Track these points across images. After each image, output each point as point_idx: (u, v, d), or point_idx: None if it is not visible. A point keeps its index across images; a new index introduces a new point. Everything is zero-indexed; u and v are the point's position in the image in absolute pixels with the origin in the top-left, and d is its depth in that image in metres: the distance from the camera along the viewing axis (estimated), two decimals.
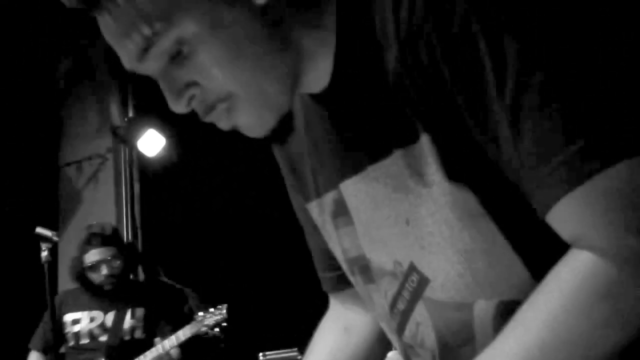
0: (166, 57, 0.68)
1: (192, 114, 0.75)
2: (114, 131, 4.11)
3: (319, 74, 0.74)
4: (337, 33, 0.72)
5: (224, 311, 2.90)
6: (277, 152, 0.94)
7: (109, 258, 2.90)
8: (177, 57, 0.68)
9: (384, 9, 0.67)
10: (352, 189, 0.79)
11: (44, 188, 4.22)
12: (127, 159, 4.27)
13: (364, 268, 0.83)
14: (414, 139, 0.69)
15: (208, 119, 0.72)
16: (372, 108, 0.72)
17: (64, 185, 4.35)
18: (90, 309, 2.98)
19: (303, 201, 0.91)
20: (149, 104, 3.94)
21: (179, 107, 0.71)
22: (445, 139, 0.67)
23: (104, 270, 2.89)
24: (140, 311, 3.00)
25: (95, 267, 2.90)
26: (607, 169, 0.56)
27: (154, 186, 4.30)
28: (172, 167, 4.14)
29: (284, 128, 0.85)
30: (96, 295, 2.97)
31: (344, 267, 0.88)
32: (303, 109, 0.83)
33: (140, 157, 4.16)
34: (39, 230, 2.56)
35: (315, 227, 0.91)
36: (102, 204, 4.20)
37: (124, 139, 4.08)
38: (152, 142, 3.95)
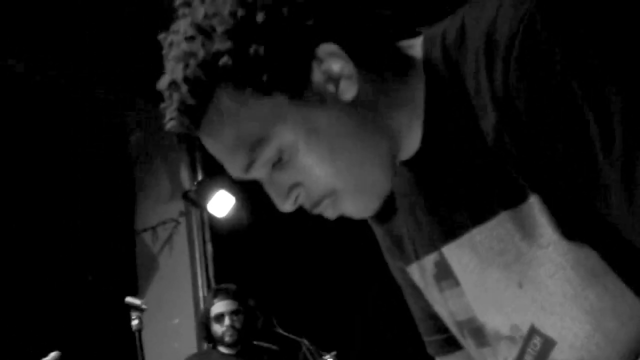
0: (269, 165, 0.71)
1: None
2: (185, 195, 4.21)
3: (412, 142, 0.75)
4: (426, 101, 0.72)
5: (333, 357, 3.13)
6: (371, 220, 0.94)
7: (232, 311, 3.15)
8: (279, 162, 0.70)
9: (477, 71, 0.66)
10: (456, 252, 0.78)
11: (123, 255, 4.35)
12: (198, 221, 4.36)
13: (476, 331, 0.81)
14: (522, 199, 0.67)
15: (315, 211, 0.75)
16: (469, 169, 0.71)
17: (140, 251, 4.47)
18: None
19: (402, 264, 0.90)
20: (217, 165, 4.03)
21: (286, 207, 0.74)
22: (555, 198, 0.65)
23: (227, 321, 3.13)
24: None
25: (219, 318, 3.15)
26: None
27: (227, 246, 4.35)
28: (243, 226, 4.19)
29: (386, 205, 0.87)
30: (219, 357, 3.15)
31: (453, 329, 0.86)
32: (396, 176, 0.84)
33: (212, 218, 4.24)
34: (129, 299, 2.64)
35: (416, 289, 0.90)
36: (177, 267, 4.28)
37: (195, 201, 4.18)
38: (222, 203, 4.03)
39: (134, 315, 2.64)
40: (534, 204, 0.67)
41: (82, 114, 3.90)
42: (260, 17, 0.66)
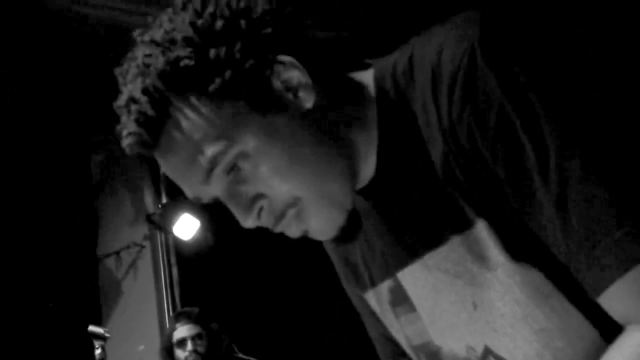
0: (226, 173, 0.70)
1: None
2: (149, 218, 4.17)
3: (367, 170, 0.76)
4: (379, 129, 0.74)
5: None
6: (328, 246, 0.94)
7: (194, 335, 3.10)
8: (239, 173, 0.70)
9: (425, 103, 0.69)
10: (411, 277, 0.79)
11: (85, 281, 4.26)
12: (163, 244, 4.31)
13: (432, 355, 0.82)
14: (470, 224, 0.69)
15: (278, 228, 0.74)
16: (421, 197, 0.73)
17: (103, 277, 4.39)
18: None
19: (359, 291, 0.91)
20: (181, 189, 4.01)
21: (249, 221, 0.72)
22: (501, 222, 0.67)
23: (189, 346, 3.08)
24: None
25: (182, 343, 3.10)
26: None
27: (192, 269, 4.31)
28: (209, 249, 4.16)
29: (350, 227, 0.87)
30: None
31: (411, 354, 0.87)
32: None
33: (177, 241, 4.19)
34: (92, 328, 2.58)
35: (373, 315, 0.91)
36: (142, 291, 4.21)
37: (159, 225, 4.13)
38: (187, 226, 3.99)
39: (97, 344, 2.58)
40: (481, 229, 0.69)
41: (44, 137, 3.84)
42: (219, 24, 0.68)
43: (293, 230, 0.74)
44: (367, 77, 0.76)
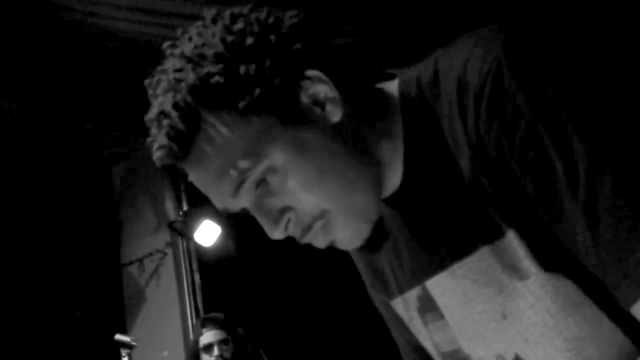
0: (254, 187, 0.71)
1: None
2: (171, 226, 4.21)
3: (393, 180, 0.77)
4: (405, 140, 0.75)
5: None
6: (354, 253, 0.95)
7: (221, 340, 3.09)
8: (267, 187, 0.71)
9: (451, 115, 0.70)
10: (438, 286, 0.80)
11: (110, 289, 4.31)
12: (185, 251, 4.35)
13: None
14: (500, 234, 0.70)
15: (306, 239, 0.75)
16: (449, 207, 0.74)
17: (127, 284, 4.43)
18: None
19: (386, 298, 0.92)
20: (202, 196, 4.04)
21: (277, 233, 0.73)
22: (531, 232, 0.68)
23: (216, 352, 3.07)
24: None
25: (208, 348, 3.09)
26: None
27: (214, 275, 4.33)
28: (230, 255, 4.18)
29: (375, 236, 0.87)
30: None
31: None
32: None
33: (198, 248, 4.23)
34: (118, 336, 2.61)
35: (400, 323, 0.91)
36: (165, 298, 4.25)
37: (181, 232, 4.17)
38: (208, 233, 4.02)
39: (123, 352, 2.61)
40: (512, 239, 0.69)
41: (66, 147, 3.89)
42: (249, 41, 0.69)
43: (320, 241, 0.75)
44: (391, 87, 0.77)
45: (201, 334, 3.15)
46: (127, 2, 2.84)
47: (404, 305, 0.88)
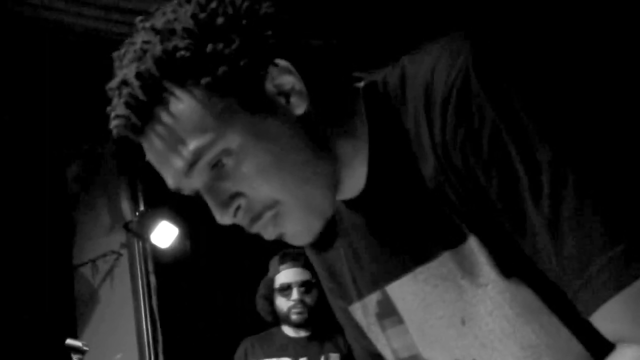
0: (209, 168, 0.70)
1: (202, 202, 0.76)
2: (127, 226, 4.13)
3: (354, 181, 0.77)
4: (370, 142, 0.75)
5: None
6: (313, 256, 0.95)
7: (302, 282, 2.52)
8: (222, 169, 0.70)
9: (417, 120, 0.70)
10: (399, 290, 0.80)
11: (61, 290, 4.21)
12: (141, 252, 4.28)
13: None
14: (462, 240, 0.70)
15: (254, 229, 0.74)
16: (412, 212, 0.74)
17: (80, 285, 4.34)
18: (278, 355, 2.58)
19: (344, 304, 0.92)
20: (159, 196, 3.99)
21: (225, 218, 0.72)
22: (493, 239, 0.68)
23: (295, 295, 2.52)
24: (335, 358, 2.55)
25: (285, 289, 2.54)
26: None
27: (170, 277, 4.28)
28: (187, 257, 4.13)
29: (326, 235, 0.86)
30: (284, 339, 2.59)
31: None
32: (336, 215, 0.85)
33: (154, 249, 4.16)
34: (69, 341, 2.54)
35: (358, 328, 0.91)
36: (119, 299, 4.17)
37: (137, 233, 4.10)
38: (165, 234, 3.97)
39: (75, 358, 2.54)
40: (473, 245, 0.70)
41: (19, 144, 3.79)
42: (220, 20, 0.69)
43: (269, 232, 0.74)
44: (358, 90, 0.77)
45: (278, 272, 2.56)
46: None
47: (363, 311, 0.88)
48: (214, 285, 4.33)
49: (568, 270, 0.61)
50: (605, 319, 0.60)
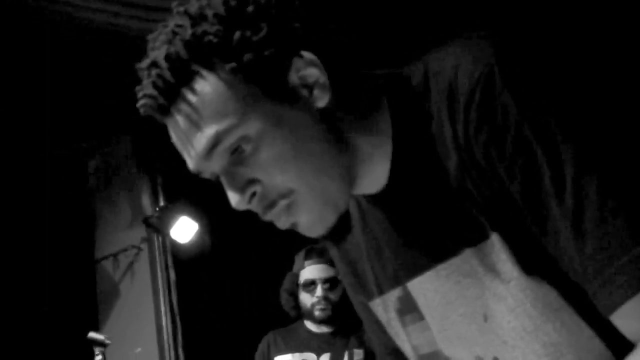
0: (229, 153, 0.71)
1: (222, 198, 0.76)
2: (147, 221, 4.17)
3: (375, 177, 0.77)
4: (393, 138, 0.75)
5: None
6: (334, 252, 0.95)
7: (326, 278, 2.49)
8: (240, 154, 0.71)
9: (440, 118, 0.70)
10: (420, 287, 0.80)
11: (83, 283, 4.26)
12: (160, 247, 4.31)
13: None
14: (484, 237, 0.70)
15: (268, 217, 0.74)
16: (434, 209, 0.74)
17: (101, 279, 4.39)
18: (301, 349, 2.55)
19: (365, 299, 0.92)
20: (179, 192, 4.01)
21: (240, 203, 0.73)
22: (515, 236, 0.68)
23: (319, 291, 2.49)
24: (359, 354, 2.53)
25: (309, 286, 2.51)
26: None
27: (189, 272, 4.31)
28: (206, 252, 4.16)
29: (340, 229, 0.87)
30: (308, 334, 2.57)
31: None
32: (359, 211, 0.85)
33: (174, 244, 4.20)
34: (92, 334, 2.56)
35: (378, 324, 0.91)
36: (139, 294, 4.21)
37: (157, 227, 4.13)
38: (184, 229, 4.00)
39: (97, 351, 2.57)
40: (495, 242, 0.69)
41: (41, 140, 3.84)
42: (250, 8, 0.70)
43: (282, 221, 0.75)
44: (380, 86, 0.77)
45: (302, 267, 2.54)
46: None
47: (383, 306, 0.88)
48: (232, 280, 4.36)
49: (589, 270, 0.61)
50: (624, 319, 0.60)
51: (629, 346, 0.62)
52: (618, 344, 0.65)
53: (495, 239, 0.69)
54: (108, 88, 3.22)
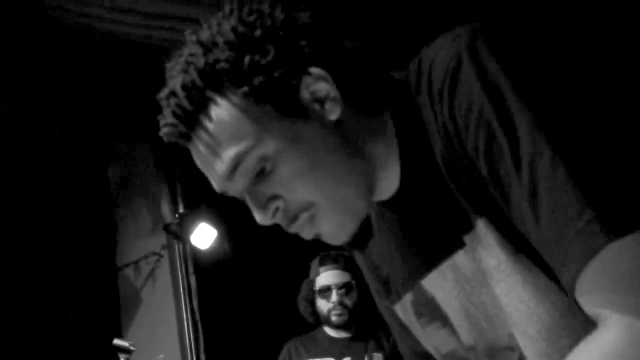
0: (252, 174, 0.74)
1: (241, 204, 0.78)
2: (167, 228, 4.20)
3: (390, 181, 0.78)
4: (397, 139, 0.77)
5: None
6: (359, 259, 0.97)
7: (341, 284, 2.52)
8: (261, 174, 0.73)
9: (426, 109, 0.72)
10: (437, 281, 0.81)
11: (105, 291, 4.30)
12: (181, 254, 4.34)
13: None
14: (474, 223, 0.71)
15: (292, 229, 0.77)
16: (438, 205, 0.75)
17: (123, 286, 4.42)
18: (321, 355, 2.58)
19: (389, 304, 0.93)
20: (198, 199, 4.04)
21: (265, 219, 0.76)
22: (498, 219, 0.69)
23: (334, 297, 2.52)
24: (378, 357, 2.54)
25: (325, 291, 2.55)
26: (616, 240, 0.54)
27: (210, 278, 4.33)
28: (226, 258, 4.17)
29: (362, 235, 0.89)
30: (327, 340, 2.59)
31: None
32: (376, 217, 0.87)
33: (194, 250, 4.22)
34: (117, 341, 2.59)
35: (403, 327, 0.93)
36: (161, 300, 4.24)
37: (177, 234, 4.16)
38: (204, 235, 4.02)
39: (122, 357, 2.59)
40: (482, 227, 0.71)
41: (61, 148, 3.89)
42: (257, 32, 0.72)
43: (306, 233, 0.77)
44: (382, 86, 0.79)
45: (318, 274, 2.58)
46: (128, 4, 2.82)
47: (403, 311, 0.89)
48: (253, 286, 4.37)
49: (548, 245, 0.59)
50: (581, 297, 0.57)
51: None
52: None
53: (481, 224, 0.70)
54: (128, 97, 3.25)
